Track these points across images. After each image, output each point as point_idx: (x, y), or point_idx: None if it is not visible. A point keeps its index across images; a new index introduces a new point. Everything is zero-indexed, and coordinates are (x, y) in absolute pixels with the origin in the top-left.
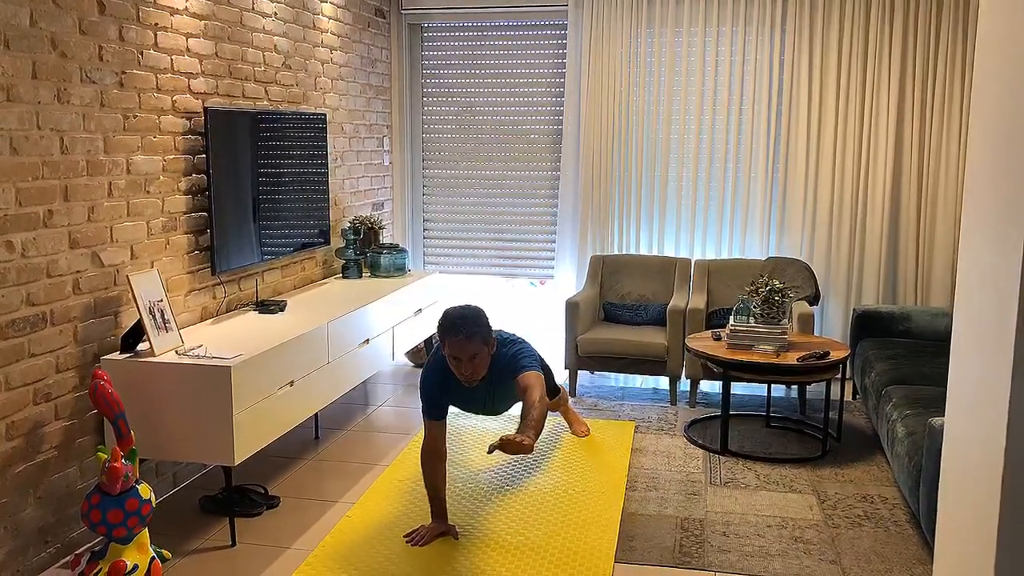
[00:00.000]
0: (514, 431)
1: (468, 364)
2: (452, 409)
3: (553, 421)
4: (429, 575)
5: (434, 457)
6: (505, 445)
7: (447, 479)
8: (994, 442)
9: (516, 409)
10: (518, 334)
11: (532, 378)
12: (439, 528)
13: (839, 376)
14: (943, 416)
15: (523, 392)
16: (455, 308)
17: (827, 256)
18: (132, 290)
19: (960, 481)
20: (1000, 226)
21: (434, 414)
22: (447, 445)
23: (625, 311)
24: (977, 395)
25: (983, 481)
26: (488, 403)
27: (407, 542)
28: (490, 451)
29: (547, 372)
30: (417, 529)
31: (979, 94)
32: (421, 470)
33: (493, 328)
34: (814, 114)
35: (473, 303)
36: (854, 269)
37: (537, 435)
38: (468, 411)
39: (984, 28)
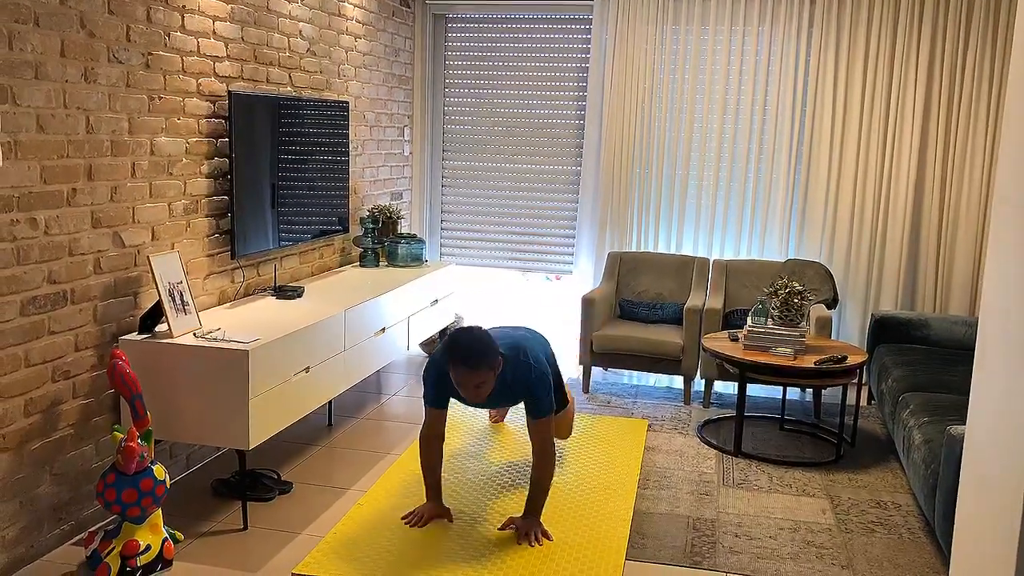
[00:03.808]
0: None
1: (473, 390)
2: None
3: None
4: (439, 567)
5: (432, 440)
6: (518, 537)
7: (443, 463)
8: (1017, 453)
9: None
10: (525, 328)
11: (545, 428)
12: (435, 510)
13: (855, 381)
14: (961, 424)
15: (534, 440)
16: (462, 334)
17: (846, 260)
18: (152, 271)
19: (980, 491)
20: None
21: (434, 403)
22: (447, 432)
23: (641, 309)
24: (1001, 406)
25: (1004, 492)
26: (488, 406)
27: (405, 523)
28: (502, 528)
29: (558, 380)
30: (414, 511)
31: (1012, 102)
32: (419, 452)
33: (501, 328)
34: (838, 116)
35: (478, 327)
36: (873, 274)
37: (542, 506)
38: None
39: (1021, 34)
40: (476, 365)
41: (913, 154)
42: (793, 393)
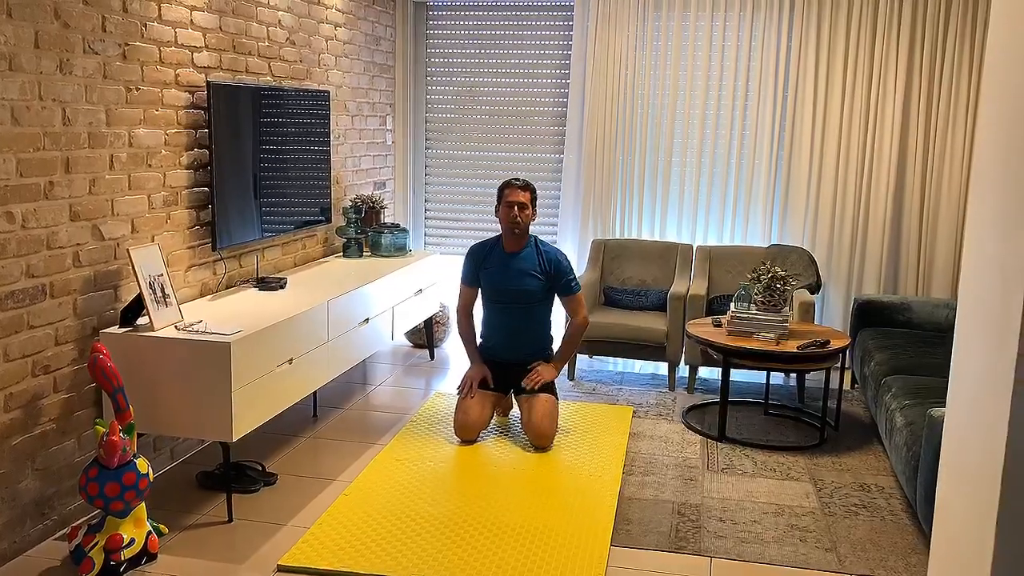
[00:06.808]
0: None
1: (519, 212)
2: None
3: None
4: (425, 555)
5: (464, 311)
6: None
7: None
8: (996, 433)
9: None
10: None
11: (579, 302)
12: (479, 371)
13: (838, 365)
14: (942, 407)
15: (573, 309)
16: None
17: (829, 244)
18: (132, 264)
19: (960, 472)
20: (1007, 216)
21: (466, 281)
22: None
23: (625, 296)
24: (980, 386)
25: (983, 472)
26: (516, 273)
27: (459, 394)
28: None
29: None
30: (463, 380)
31: (989, 83)
32: (457, 325)
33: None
34: (819, 101)
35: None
36: (856, 258)
37: (564, 363)
38: (495, 292)
39: (996, 16)
40: (524, 186)
41: (894, 137)
42: (777, 378)
